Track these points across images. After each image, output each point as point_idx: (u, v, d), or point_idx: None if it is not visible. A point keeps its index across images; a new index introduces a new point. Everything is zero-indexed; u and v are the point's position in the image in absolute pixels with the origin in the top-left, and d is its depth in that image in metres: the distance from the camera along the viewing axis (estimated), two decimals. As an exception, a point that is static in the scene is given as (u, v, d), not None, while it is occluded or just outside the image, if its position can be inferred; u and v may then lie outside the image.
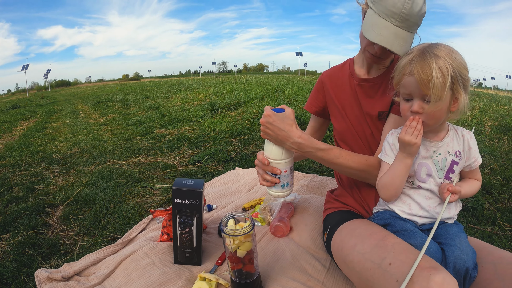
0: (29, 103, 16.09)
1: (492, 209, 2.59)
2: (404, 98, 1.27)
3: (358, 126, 1.67)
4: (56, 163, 4.27)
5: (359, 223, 1.50)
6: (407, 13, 1.32)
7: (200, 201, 1.62)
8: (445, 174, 1.33)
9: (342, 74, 1.75)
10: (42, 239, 2.29)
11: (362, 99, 1.64)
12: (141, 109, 9.24)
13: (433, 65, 1.14)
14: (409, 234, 1.30)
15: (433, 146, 1.33)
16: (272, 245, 1.90)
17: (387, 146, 1.40)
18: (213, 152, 4.00)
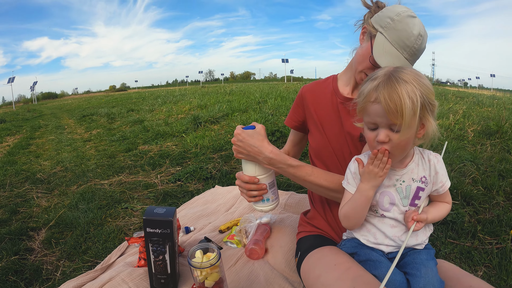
0: (15, 117, 16.01)
1: (473, 221, 2.61)
2: (369, 127, 1.18)
3: (336, 145, 1.63)
4: (39, 183, 4.32)
5: (327, 251, 1.49)
6: (417, 49, 1.37)
7: (171, 230, 1.68)
8: (410, 202, 1.28)
9: (323, 90, 1.73)
10: (25, 264, 2.35)
11: (344, 117, 1.59)
12: (125, 123, 9.29)
13: (401, 91, 1.06)
14: (374, 264, 1.29)
15: (396, 174, 1.27)
16: (247, 268, 1.92)
17: (349, 174, 1.36)
18: (194, 169, 4.09)
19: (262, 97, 10.63)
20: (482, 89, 68.66)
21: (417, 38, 1.35)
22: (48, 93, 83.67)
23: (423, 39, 1.37)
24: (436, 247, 2.31)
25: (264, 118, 6.53)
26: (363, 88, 1.18)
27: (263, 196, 1.54)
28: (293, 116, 1.87)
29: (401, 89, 1.06)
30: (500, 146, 4.70)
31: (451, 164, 3.83)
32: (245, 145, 1.46)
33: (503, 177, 3.44)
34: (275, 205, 1.59)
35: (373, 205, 1.30)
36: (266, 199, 1.55)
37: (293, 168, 1.50)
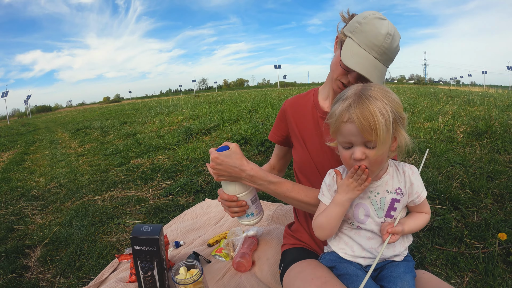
0: (10, 131, 16.05)
1: (460, 225, 2.62)
2: (344, 146, 1.21)
3: (318, 159, 1.64)
4: (34, 199, 4.41)
5: (306, 265, 1.52)
6: (387, 48, 1.37)
7: (158, 247, 1.77)
8: (386, 213, 1.29)
9: (305, 104, 1.74)
10: (21, 282, 2.43)
11: (325, 132, 1.58)
12: (118, 136, 9.39)
13: (373, 109, 1.09)
14: (352, 278, 1.30)
15: (371, 187, 1.29)
16: (234, 281, 1.97)
17: (324, 186, 1.38)
18: (184, 183, 4.18)
19: (253, 106, 10.70)
20: (474, 86, 68.74)
21: (385, 37, 1.36)
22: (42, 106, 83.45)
23: (393, 38, 1.37)
24: (421, 254, 2.33)
25: (254, 128, 6.61)
26: (334, 109, 1.20)
27: (247, 211, 1.58)
28: (277, 131, 1.89)
29: (373, 106, 1.10)
30: (490, 146, 4.71)
31: (439, 168, 3.87)
32: (225, 167, 1.48)
33: (492, 179, 3.48)
34: (259, 218, 1.63)
35: (348, 218, 1.33)
36: (250, 214, 1.59)
37: (274, 185, 1.52)
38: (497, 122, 5.82)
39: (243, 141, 5.97)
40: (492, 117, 6.08)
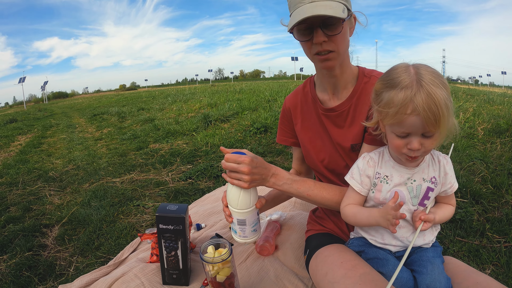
0: (27, 116, 16.21)
1: (482, 219, 2.61)
2: (399, 135, 1.15)
3: (330, 159, 1.58)
4: (52, 181, 4.38)
5: (334, 250, 1.49)
6: None
7: (183, 226, 1.71)
8: (420, 201, 1.28)
9: (305, 101, 1.66)
10: (38, 260, 2.39)
11: (330, 129, 1.54)
12: (136, 122, 9.36)
13: (439, 101, 1.04)
14: (382, 262, 1.30)
15: (408, 173, 1.27)
16: (257, 265, 1.94)
17: (356, 169, 1.35)
18: (204, 167, 4.11)
19: (271, 95, 10.63)
20: (493, 87, 68.02)
21: None
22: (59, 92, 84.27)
23: None
24: (444, 245, 2.31)
25: (274, 116, 6.53)
26: (391, 98, 1.12)
27: (231, 224, 1.46)
28: (285, 133, 1.80)
29: (438, 97, 1.04)
30: (510, 144, 4.65)
31: (460, 163, 3.82)
32: (260, 170, 1.37)
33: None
34: (241, 240, 1.46)
35: (382, 203, 1.30)
36: (232, 229, 1.46)
37: (297, 183, 1.46)
38: None
39: (263, 129, 5.89)
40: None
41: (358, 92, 1.45)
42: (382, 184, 1.30)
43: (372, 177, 1.31)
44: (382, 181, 1.30)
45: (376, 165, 1.32)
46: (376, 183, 1.31)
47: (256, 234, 1.46)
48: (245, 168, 1.31)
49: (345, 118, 1.49)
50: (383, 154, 1.33)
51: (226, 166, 1.34)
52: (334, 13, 1.21)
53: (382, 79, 1.20)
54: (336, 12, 1.21)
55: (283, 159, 4.47)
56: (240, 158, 1.33)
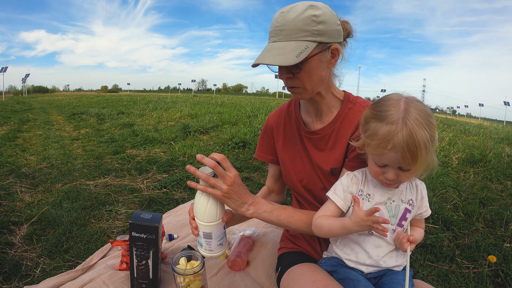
0: (4, 107, 15.89)
1: (452, 245, 2.68)
2: (378, 164, 1.23)
3: (309, 180, 1.59)
4: (24, 177, 4.30)
5: (306, 268, 1.51)
6: (280, 25, 1.26)
7: (157, 236, 1.71)
8: (398, 222, 1.33)
9: (289, 120, 1.67)
10: (4, 258, 2.35)
11: (311, 151, 1.56)
12: (115, 125, 9.26)
13: (419, 142, 1.10)
14: (353, 282, 1.30)
15: (389, 193, 1.32)
16: (228, 279, 1.94)
17: (339, 186, 1.37)
18: (180, 178, 4.11)
19: (253, 111, 10.66)
20: (470, 118, 69.48)
21: (277, 18, 1.28)
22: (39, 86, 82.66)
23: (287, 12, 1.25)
24: (414, 269, 2.37)
25: (254, 132, 6.55)
26: (376, 130, 1.18)
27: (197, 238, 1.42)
28: (265, 149, 1.78)
29: (419, 139, 1.10)
30: (483, 174, 4.83)
31: (433, 190, 3.92)
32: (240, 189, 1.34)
33: (484, 205, 3.55)
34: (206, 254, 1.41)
35: None
36: (199, 242, 1.42)
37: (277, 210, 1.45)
38: (492, 153, 6.02)
39: (241, 144, 5.90)
40: (487, 147, 6.26)
41: (341, 117, 1.47)
42: (364, 201, 1.33)
43: (355, 194, 1.35)
44: (364, 199, 1.34)
45: (359, 183, 1.36)
46: None
47: (222, 248, 1.42)
48: (230, 179, 1.29)
49: (326, 141, 1.50)
50: (366, 174, 1.38)
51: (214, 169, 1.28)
52: (281, 62, 1.22)
53: (373, 108, 1.24)
54: (285, 60, 1.21)
55: (259, 175, 4.49)
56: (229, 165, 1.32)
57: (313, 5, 1.26)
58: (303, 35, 1.25)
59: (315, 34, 1.25)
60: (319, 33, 1.26)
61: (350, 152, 1.44)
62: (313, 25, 1.24)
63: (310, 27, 1.24)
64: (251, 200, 1.40)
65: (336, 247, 1.43)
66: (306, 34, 1.25)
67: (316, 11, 1.24)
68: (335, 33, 1.32)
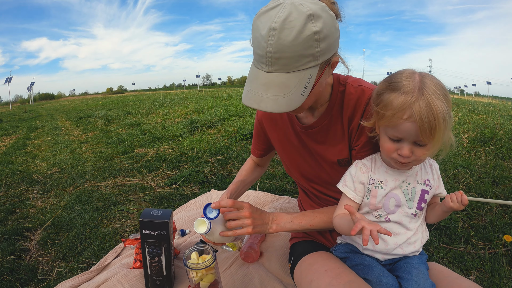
0: (12, 117, 16.00)
1: (466, 226, 2.63)
2: (392, 138, 1.15)
3: (312, 174, 1.56)
4: (35, 183, 4.32)
5: (318, 257, 1.48)
6: (275, 50, 1.00)
7: (167, 232, 1.70)
8: (417, 204, 1.28)
9: (280, 115, 1.57)
10: (20, 264, 2.36)
11: (312, 145, 1.48)
12: (122, 126, 9.29)
13: (437, 112, 1.03)
14: (367, 268, 1.29)
15: (402, 176, 1.27)
16: (242, 271, 1.93)
17: (348, 177, 1.34)
18: (190, 173, 4.10)
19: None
20: (478, 96, 68.51)
21: (268, 39, 1.00)
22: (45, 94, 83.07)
23: (280, 31, 0.99)
24: (429, 252, 2.33)
25: (261, 123, 6.53)
26: (390, 100, 1.10)
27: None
28: (258, 145, 1.79)
29: (437, 109, 1.03)
30: (494, 153, 4.72)
31: (445, 170, 3.86)
32: (260, 215, 1.38)
33: (497, 184, 3.47)
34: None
35: (376, 209, 1.30)
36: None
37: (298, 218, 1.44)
38: (502, 130, 5.86)
39: (249, 135, 5.88)
40: (497, 124, 6.08)
41: (335, 103, 1.36)
42: (376, 189, 1.29)
43: (366, 183, 1.31)
44: (377, 187, 1.29)
45: (369, 171, 1.31)
46: (370, 189, 1.30)
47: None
48: (246, 212, 1.32)
49: (326, 133, 1.42)
50: (375, 160, 1.33)
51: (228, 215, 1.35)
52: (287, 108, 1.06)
53: (385, 81, 1.18)
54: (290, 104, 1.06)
55: (268, 166, 4.47)
56: (239, 203, 1.34)
57: (312, 15, 1.00)
58: (305, 62, 1.04)
59: (317, 57, 1.05)
60: (322, 53, 1.06)
61: (355, 142, 1.37)
62: (315, 46, 1.02)
63: (312, 50, 1.03)
64: (271, 217, 1.42)
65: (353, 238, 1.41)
66: (309, 60, 1.04)
67: (316, 25, 1.01)
68: (336, 42, 1.13)
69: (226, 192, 1.65)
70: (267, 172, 4.18)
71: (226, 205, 1.32)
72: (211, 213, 1.34)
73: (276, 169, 4.30)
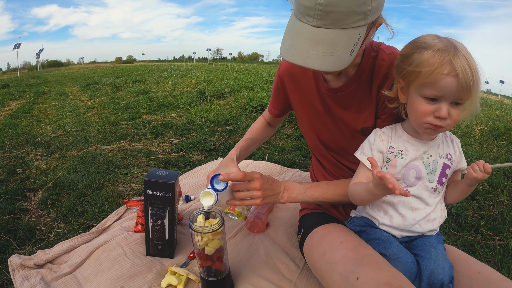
0: (19, 82, 15.89)
1: (477, 216, 2.57)
2: (429, 97, 1.08)
3: (332, 140, 1.48)
4: (39, 146, 4.24)
5: (332, 228, 1.40)
6: (326, 3, 0.93)
7: (173, 194, 1.60)
8: (438, 179, 1.22)
9: (304, 74, 1.46)
10: (19, 224, 2.28)
11: (336, 110, 1.39)
12: (130, 93, 9.14)
13: (474, 66, 1.01)
14: (384, 243, 1.22)
15: (424, 147, 1.21)
16: (247, 241, 1.87)
17: (367, 145, 1.28)
18: (197, 141, 3.99)
19: (270, 77, 10.42)
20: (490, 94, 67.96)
21: None
22: (54, 61, 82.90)
23: None
24: None
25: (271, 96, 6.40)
26: (427, 57, 1.04)
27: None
28: (276, 104, 1.68)
29: (474, 65, 1.01)
30: (507, 147, 4.62)
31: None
32: (272, 185, 1.33)
33: (508, 178, 3.38)
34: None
35: (396, 179, 1.15)
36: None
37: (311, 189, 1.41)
38: None
39: (259, 107, 5.75)
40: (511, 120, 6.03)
41: (365, 69, 1.28)
42: (396, 159, 1.23)
43: (385, 152, 1.25)
44: (397, 156, 1.23)
45: (389, 139, 1.25)
46: (389, 158, 1.24)
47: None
48: (257, 183, 1.27)
49: (352, 98, 1.34)
50: (395, 129, 1.27)
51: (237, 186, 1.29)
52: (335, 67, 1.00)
53: (411, 44, 1.12)
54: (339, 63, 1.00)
55: (277, 139, 4.35)
56: (250, 174, 1.26)
57: None
58: (355, 20, 0.98)
59: (367, 15, 0.99)
60: (372, 12, 1.00)
61: (382, 110, 1.31)
62: (367, 4, 0.97)
63: (364, 8, 0.97)
64: (283, 187, 1.38)
65: (370, 208, 1.33)
66: (359, 18, 0.98)
67: None
68: (383, 3, 1.06)
69: (235, 148, 1.57)
70: (276, 144, 4.07)
71: (237, 179, 1.25)
72: (219, 184, 1.28)
73: (286, 142, 4.19)
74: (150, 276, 1.58)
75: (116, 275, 1.56)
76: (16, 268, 1.67)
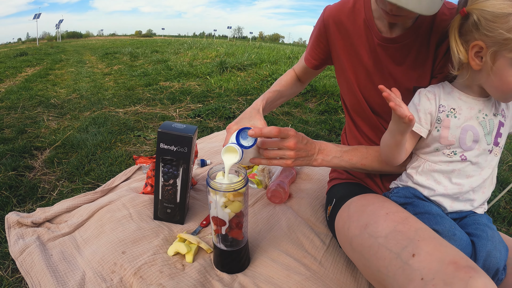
0: (38, 51, 15.83)
1: (508, 208, 2.35)
2: None
3: (376, 99, 1.29)
4: (52, 107, 4.08)
5: (373, 199, 1.20)
6: None
7: (189, 149, 1.38)
8: (494, 140, 1.06)
9: (354, 20, 1.26)
10: (21, 181, 2.12)
11: (387, 64, 1.22)
12: (148, 62, 8.95)
13: None
14: (435, 218, 1.05)
15: (478, 104, 1.05)
16: (267, 212, 1.69)
17: (411, 106, 1.12)
18: (216, 107, 3.79)
19: (293, 53, 10.12)
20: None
21: None
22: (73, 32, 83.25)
23: None
24: None
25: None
26: None
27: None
28: (315, 54, 1.44)
29: None
30: None
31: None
32: (306, 145, 1.17)
33: None
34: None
35: (450, 145, 1.07)
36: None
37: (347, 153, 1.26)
38: None
39: (281, 82, 5.49)
40: None
41: (425, 21, 1.13)
42: (449, 118, 1.06)
43: (434, 112, 1.08)
44: (449, 115, 1.06)
45: (436, 97, 1.08)
46: (441, 118, 1.07)
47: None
48: (291, 142, 1.11)
49: (407, 53, 1.17)
50: (442, 86, 1.10)
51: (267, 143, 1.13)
52: (428, 10, 0.92)
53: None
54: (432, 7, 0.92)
55: (300, 112, 4.11)
56: (284, 131, 1.09)
57: None
58: None
59: None
60: None
61: (439, 69, 1.15)
62: None
63: None
64: (317, 148, 1.22)
65: (418, 175, 1.14)
66: None
67: None
68: None
69: (261, 99, 1.37)
70: (299, 117, 3.83)
71: (270, 135, 1.07)
72: (246, 140, 1.07)
73: (309, 116, 3.95)
74: (156, 241, 1.40)
75: (118, 238, 1.38)
76: (12, 225, 1.53)
